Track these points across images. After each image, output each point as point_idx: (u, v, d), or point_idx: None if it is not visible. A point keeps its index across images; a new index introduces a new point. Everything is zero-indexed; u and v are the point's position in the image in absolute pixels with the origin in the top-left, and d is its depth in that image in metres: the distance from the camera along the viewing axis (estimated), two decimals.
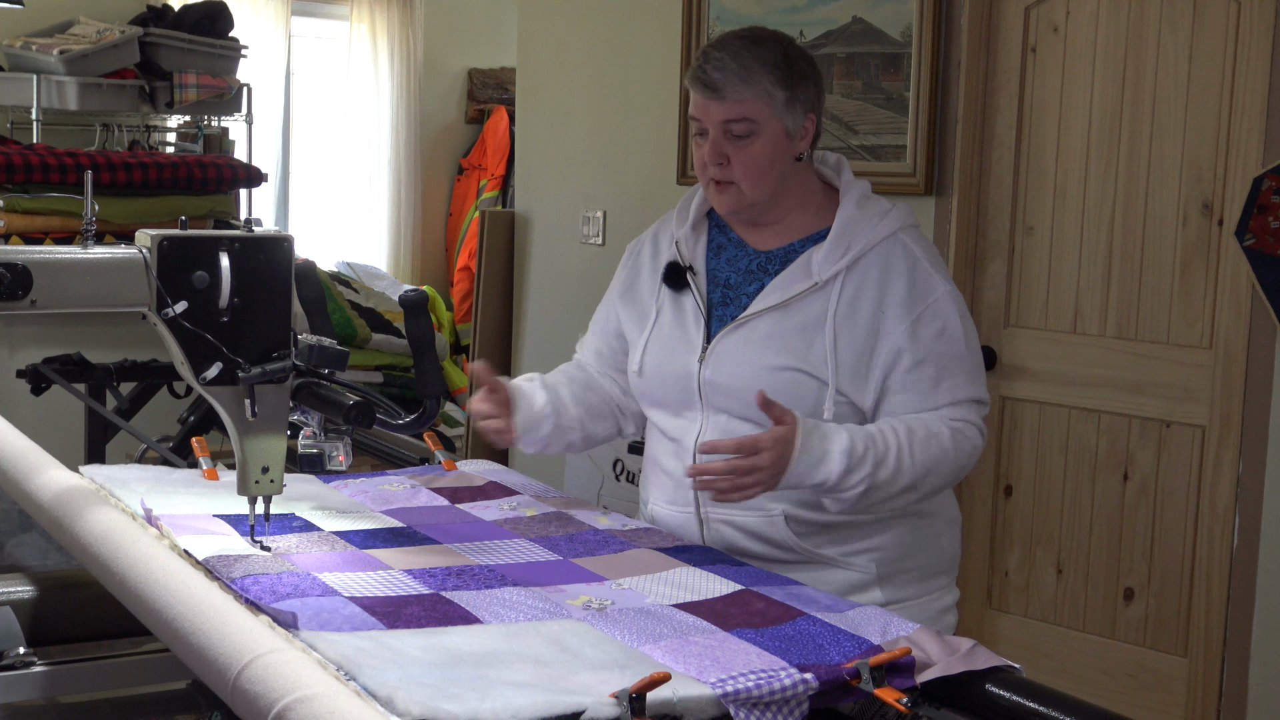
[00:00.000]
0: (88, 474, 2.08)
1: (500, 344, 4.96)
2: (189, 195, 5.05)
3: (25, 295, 1.61)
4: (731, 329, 2.16)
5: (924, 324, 2.11)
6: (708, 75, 2.12)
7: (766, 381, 2.10)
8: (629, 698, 1.33)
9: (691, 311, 2.21)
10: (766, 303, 2.14)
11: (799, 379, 2.11)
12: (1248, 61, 3.19)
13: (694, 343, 2.19)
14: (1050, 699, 1.49)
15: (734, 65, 2.11)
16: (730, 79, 2.10)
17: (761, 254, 2.21)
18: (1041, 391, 3.60)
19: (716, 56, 2.12)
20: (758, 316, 2.14)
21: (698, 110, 2.15)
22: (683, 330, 2.21)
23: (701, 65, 2.13)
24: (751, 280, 2.20)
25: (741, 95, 2.10)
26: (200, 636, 1.39)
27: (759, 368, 2.12)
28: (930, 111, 3.64)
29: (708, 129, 2.14)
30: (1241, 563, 3.25)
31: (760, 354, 2.13)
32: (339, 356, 1.76)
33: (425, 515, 2.07)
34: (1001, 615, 3.73)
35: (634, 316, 2.30)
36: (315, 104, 7.11)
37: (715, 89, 2.11)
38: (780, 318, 2.13)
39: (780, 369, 2.11)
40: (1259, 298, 3.18)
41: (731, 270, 2.22)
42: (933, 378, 2.11)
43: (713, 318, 2.20)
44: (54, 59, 5.29)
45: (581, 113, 4.66)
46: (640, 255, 2.34)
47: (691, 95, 2.17)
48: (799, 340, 2.11)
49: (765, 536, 2.14)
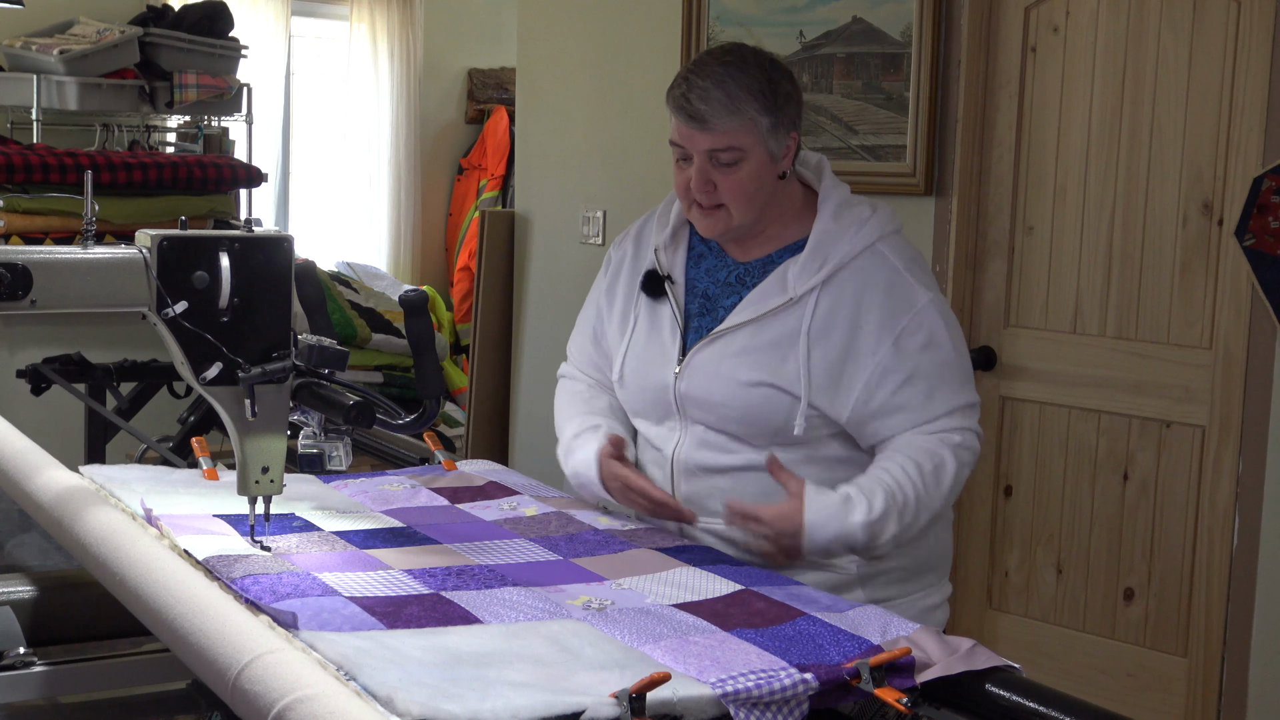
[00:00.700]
0: (88, 474, 2.08)
1: (500, 344, 4.96)
2: (189, 195, 5.05)
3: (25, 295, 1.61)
4: (706, 343, 2.16)
5: (907, 338, 2.10)
6: (692, 105, 2.08)
7: (740, 396, 2.11)
8: (629, 698, 1.33)
9: (668, 322, 2.21)
10: (741, 317, 2.14)
11: (771, 394, 2.11)
12: (1248, 61, 3.19)
13: (670, 354, 2.19)
14: (1050, 699, 1.49)
15: (719, 95, 2.07)
16: (716, 109, 2.07)
17: (740, 265, 2.20)
18: (1041, 391, 3.60)
19: (701, 85, 2.08)
20: (732, 331, 2.14)
21: (681, 138, 2.11)
22: (659, 341, 2.21)
23: (685, 94, 2.09)
24: (729, 292, 2.19)
25: (728, 125, 2.07)
26: (200, 636, 1.39)
27: (732, 383, 2.12)
28: (930, 111, 3.63)
29: (691, 155, 2.11)
30: (1241, 563, 3.25)
31: (734, 369, 2.12)
32: (339, 356, 1.76)
33: (425, 515, 2.07)
34: (1001, 615, 3.73)
35: (614, 321, 2.30)
36: (315, 104, 7.11)
37: (701, 120, 2.07)
38: (755, 332, 2.13)
39: (753, 384, 2.11)
40: (1259, 298, 3.18)
41: (710, 281, 2.22)
42: (925, 392, 2.10)
43: (689, 329, 2.20)
44: (54, 59, 5.29)
45: (581, 113, 4.66)
46: (623, 256, 2.32)
47: (674, 120, 2.13)
48: (772, 356, 2.11)
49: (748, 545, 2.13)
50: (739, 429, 2.14)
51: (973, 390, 2.17)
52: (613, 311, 2.30)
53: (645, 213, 2.38)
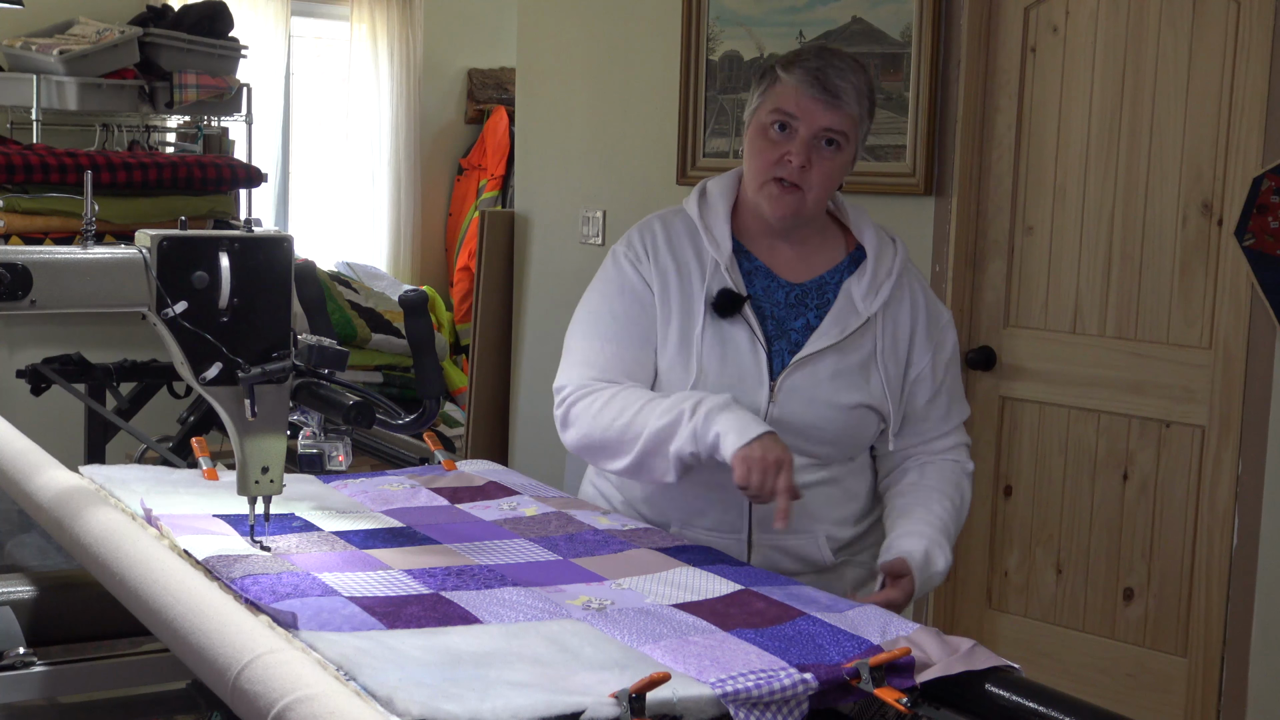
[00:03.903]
0: (88, 474, 2.08)
1: (500, 344, 4.96)
2: (189, 195, 5.05)
3: (25, 295, 1.61)
4: (796, 366, 2.16)
5: (939, 352, 2.24)
6: (830, 80, 2.10)
7: (840, 419, 2.16)
8: (629, 698, 1.33)
9: (747, 343, 2.16)
10: (826, 340, 2.16)
11: (867, 415, 2.18)
12: (1248, 61, 3.19)
13: (758, 377, 2.16)
14: (1050, 699, 1.49)
15: (855, 79, 2.12)
16: (850, 90, 2.11)
17: (796, 286, 2.22)
18: (1041, 391, 3.60)
19: (838, 66, 2.12)
20: (821, 354, 2.17)
21: (798, 109, 2.10)
22: (738, 362, 2.16)
23: (823, 69, 2.10)
24: (794, 314, 2.20)
25: (852, 109, 2.12)
26: (200, 636, 1.39)
27: (831, 406, 2.16)
28: (930, 111, 3.64)
29: (797, 129, 2.11)
30: (1241, 563, 3.25)
31: (830, 392, 2.16)
32: (339, 356, 1.76)
33: (425, 515, 2.07)
34: (1001, 615, 3.73)
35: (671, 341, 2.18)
36: (315, 104, 7.12)
37: (835, 95, 2.10)
38: (840, 355, 2.17)
39: (851, 407, 2.17)
40: (1259, 298, 3.18)
41: (769, 302, 2.21)
42: (946, 405, 2.25)
43: (771, 351, 2.18)
44: (54, 59, 5.29)
45: (581, 113, 4.66)
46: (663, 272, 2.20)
47: (793, 90, 2.11)
48: (859, 377, 2.17)
49: (805, 556, 2.20)
50: (828, 450, 2.19)
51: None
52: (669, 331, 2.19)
53: (645, 212, 2.37)
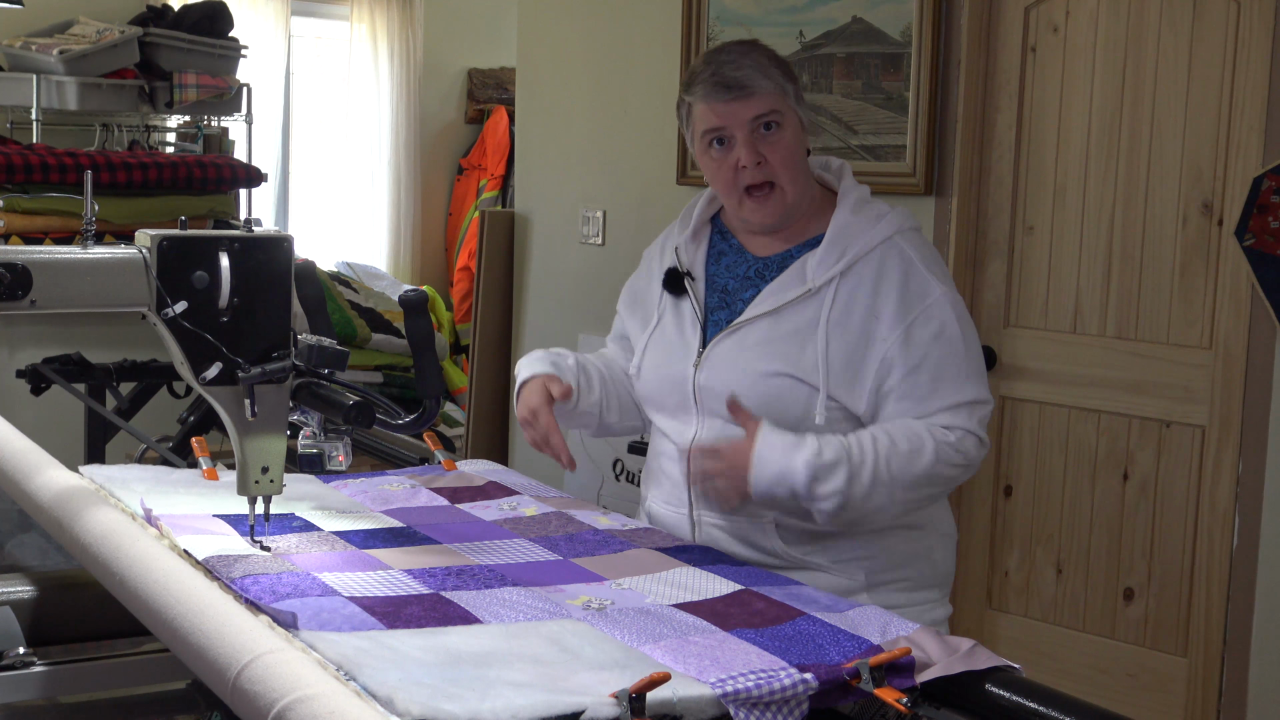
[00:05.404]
0: (87, 474, 2.08)
1: (500, 344, 4.96)
2: (189, 195, 5.05)
3: (25, 295, 1.61)
4: (725, 334, 2.17)
5: (918, 328, 2.09)
6: (727, 76, 2.12)
7: (759, 387, 2.11)
8: (629, 698, 1.33)
9: (689, 317, 2.23)
10: (760, 309, 2.15)
11: (790, 385, 2.11)
12: (1248, 61, 3.19)
13: (690, 347, 2.20)
14: (1050, 699, 1.49)
15: (748, 63, 2.13)
16: (751, 75, 2.12)
17: (759, 260, 2.22)
18: (1041, 391, 3.60)
19: (728, 60, 2.14)
20: (751, 322, 2.15)
21: (720, 117, 2.13)
22: (680, 335, 2.23)
23: (716, 70, 2.13)
24: (748, 286, 2.20)
25: (765, 88, 2.12)
26: (200, 636, 1.39)
27: (751, 373, 2.12)
28: (930, 111, 3.64)
29: (734, 134, 2.13)
30: (1241, 563, 3.25)
31: (753, 360, 2.13)
32: (339, 356, 1.76)
33: (425, 515, 2.07)
34: (1001, 615, 3.73)
35: (638, 320, 2.33)
36: (315, 104, 7.12)
37: (740, 87, 2.11)
38: (774, 323, 2.14)
39: (772, 375, 2.12)
40: (1259, 298, 3.18)
41: (729, 276, 2.24)
42: (928, 383, 2.09)
43: (709, 323, 2.21)
44: (54, 59, 5.29)
45: (581, 113, 4.66)
46: (650, 261, 2.36)
47: (705, 108, 2.15)
48: (791, 346, 2.11)
49: (754, 542, 2.14)
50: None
51: (981, 389, 2.13)
52: (635, 310, 2.34)
53: (645, 212, 2.39)
